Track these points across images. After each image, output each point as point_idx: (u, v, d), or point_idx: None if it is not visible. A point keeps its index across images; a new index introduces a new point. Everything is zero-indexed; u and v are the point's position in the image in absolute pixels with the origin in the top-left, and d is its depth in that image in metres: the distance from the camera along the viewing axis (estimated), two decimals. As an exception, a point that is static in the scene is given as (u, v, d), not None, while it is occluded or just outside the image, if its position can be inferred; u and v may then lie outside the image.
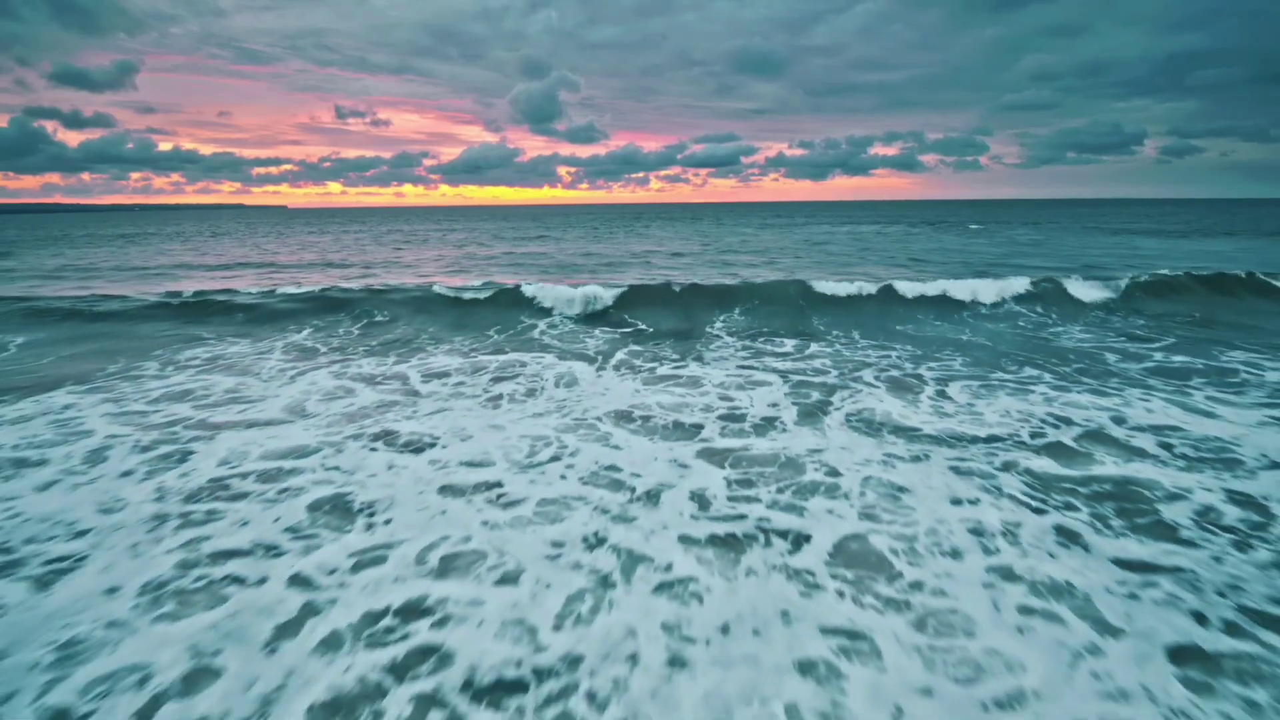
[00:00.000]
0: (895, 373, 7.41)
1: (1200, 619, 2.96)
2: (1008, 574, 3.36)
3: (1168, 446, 5.11)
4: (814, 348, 8.83)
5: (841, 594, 3.21)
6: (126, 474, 4.74)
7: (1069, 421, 5.68)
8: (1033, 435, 5.38)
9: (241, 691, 2.60)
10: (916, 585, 3.27)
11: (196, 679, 2.66)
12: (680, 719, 2.42)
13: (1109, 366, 7.54)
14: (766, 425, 5.68)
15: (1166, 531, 3.79)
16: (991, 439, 5.29)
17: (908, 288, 12.13)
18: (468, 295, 11.82)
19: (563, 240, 32.63)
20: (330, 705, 2.53)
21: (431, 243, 32.49)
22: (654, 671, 2.66)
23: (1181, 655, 2.75)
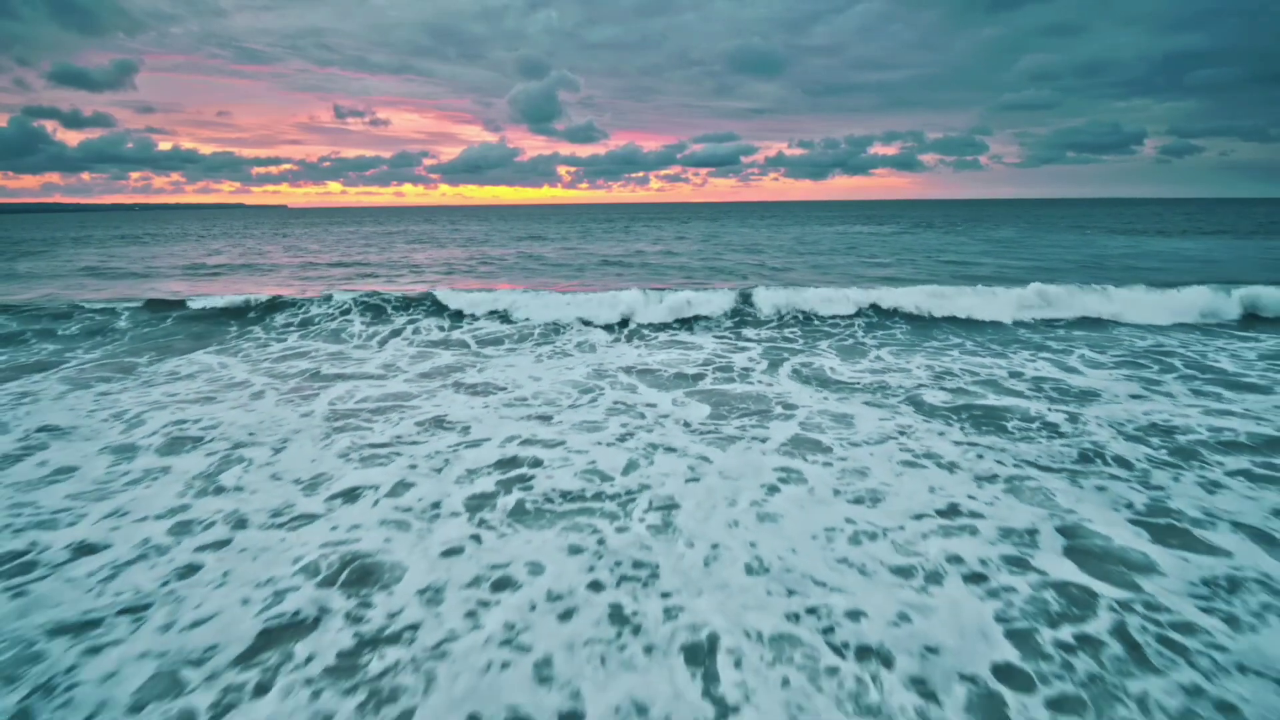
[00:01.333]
0: (850, 341, 9.28)
1: (1002, 464, 4.83)
2: (899, 447, 5.22)
3: (1039, 389, 6.97)
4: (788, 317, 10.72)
5: (788, 456, 5.05)
6: (279, 404, 6.57)
7: (973, 373, 7.54)
8: (946, 382, 7.23)
9: (420, 499, 4.42)
10: (841, 458, 5.10)
11: (397, 490, 4.49)
12: (695, 500, 4.27)
13: (1017, 337, 9.42)
14: (744, 374, 7.54)
15: (1005, 431, 5.65)
16: (912, 384, 7.14)
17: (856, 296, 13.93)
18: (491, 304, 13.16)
19: (565, 241, 34.45)
20: (474, 499, 4.36)
21: (441, 242, 34.25)
22: (681, 487, 4.51)
23: (984, 479, 4.61)
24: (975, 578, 3.43)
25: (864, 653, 2.88)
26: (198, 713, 2.52)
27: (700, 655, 2.86)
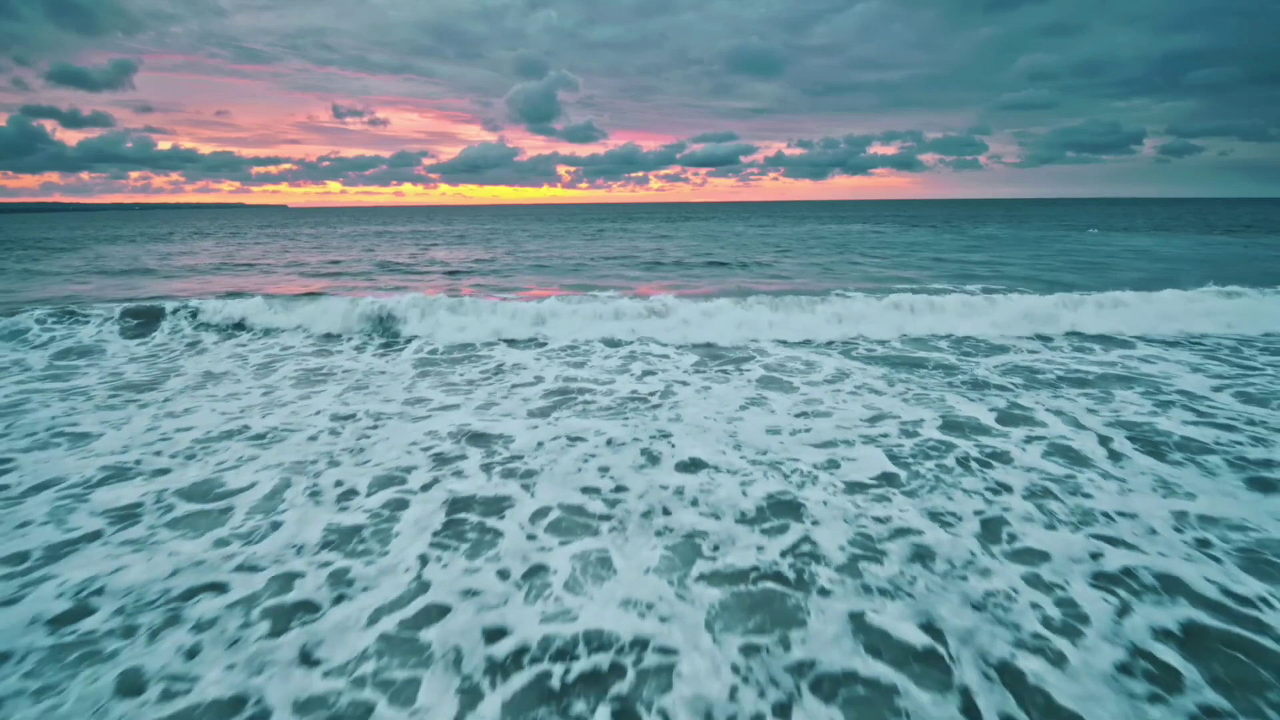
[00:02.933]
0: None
1: (911, 389, 6.72)
2: (845, 383, 7.11)
3: (959, 345, 8.86)
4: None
5: (761, 389, 6.94)
6: (374, 356, 8.45)
7: (913, 334, 9.45)
8: (889, 340, 9.14)
9: (502, 407, 6.29)
10: (805, 394, 6.98)
11: (487, 406, 6.37)
12: (695, 407, 6.16)
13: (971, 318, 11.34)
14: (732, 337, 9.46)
15: (926, 372, 7.55)
16: (863, 343, 9.04)
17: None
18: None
19: (567, 239, 36.37)
20: (538, 410, 6.23)
21: (446, 241, 36.11)
22: (687, 400, 6.40)
23: (900, 398, 6.50)
24: (878, 441, 5.32)
25: (797, 477, 4.75)
26: (414, 489, 4.40)
27: (691, 469, 4.74)
